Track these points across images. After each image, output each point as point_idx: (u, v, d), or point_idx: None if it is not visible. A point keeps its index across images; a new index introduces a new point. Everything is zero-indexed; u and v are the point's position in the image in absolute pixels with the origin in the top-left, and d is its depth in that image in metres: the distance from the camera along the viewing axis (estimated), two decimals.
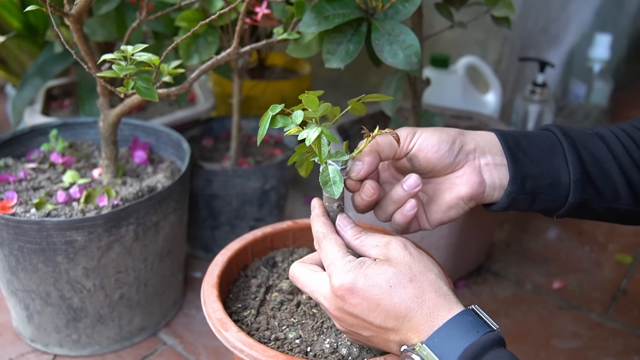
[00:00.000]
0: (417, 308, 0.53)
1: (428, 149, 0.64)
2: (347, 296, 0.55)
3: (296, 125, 0.58)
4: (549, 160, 0.64)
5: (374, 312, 0.54)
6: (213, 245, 1.15)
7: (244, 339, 0.59)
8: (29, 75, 1.28)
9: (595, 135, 0.67)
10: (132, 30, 0.81)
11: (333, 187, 0.57)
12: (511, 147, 0.65)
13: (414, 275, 0.55)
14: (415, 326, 0.53)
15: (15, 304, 0.91)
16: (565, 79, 1.82)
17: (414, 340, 0.53)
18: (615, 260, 1.23)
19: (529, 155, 0.64)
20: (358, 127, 1.18)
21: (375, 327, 0.55)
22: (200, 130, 1.27)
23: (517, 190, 0.64)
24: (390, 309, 0.54)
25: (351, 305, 0.55)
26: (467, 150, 0.65)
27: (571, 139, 0.65)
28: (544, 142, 0.66)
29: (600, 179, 0.65)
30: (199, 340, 0.97)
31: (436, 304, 0.53)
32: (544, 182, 0.64)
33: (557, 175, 0.64)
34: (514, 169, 0.64)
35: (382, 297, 0.54)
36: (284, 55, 1.61)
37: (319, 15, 0.72)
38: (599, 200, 0.65)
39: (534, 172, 0.64)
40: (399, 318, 0.53)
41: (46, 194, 0.88)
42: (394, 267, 0.55)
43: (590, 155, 0.65)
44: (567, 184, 0.64)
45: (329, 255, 0.58)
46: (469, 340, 0.50)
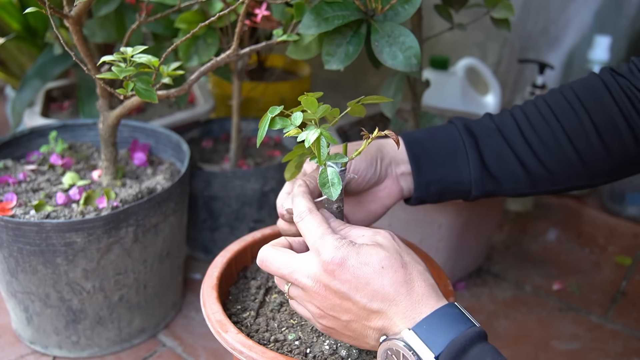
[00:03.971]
0: (406, 293, 0.53)
1: (357, 176, 0.68)
2: (337, 271, 0.54)
3: (295, 127, 0.58)
4: (452, 161, 0.72)
5: (362, 291, 0.53)
6: (212, 247, 1.15)
7: (243, 340, 0.59)
8: (28, 77, 1.28)
9: (496, 129, 0.73)
10: (132, 32, 0.81)
11: (331, 189, 0.57)
12: (416, 155, 0.72)
13: (404, 263, 0.55)
14: (402, 311, 0.52)
15: (14, 306, 0.90)
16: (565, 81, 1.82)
17: (399, 326, 0.52)
18: (614, 262, 1.23)
19: (431, 159, 0.72)
20: (357, 129, 1.18)
21: (359, 309, 0.54)
22: (200, 132, 1.27)
23: (423, 194, 0.73)
24: (379, 289, 0.53)
25: (339, 282, 0.54)
26: (385, 165, 0.71)
27: (473, 137, 0.72)
28: (448, 142, 0.73)
29: (499, 172, 0.72)
30: (198, 342, 0.96)
31: (425, 293, 0.53)
32: (447, 183, 0.73)
33: (459, 176, 0.72)
34: (417, 179, 0.72)
35: (372, 277, 0.53)
36: (283, 56, 1.61)
37: (319, 16, 0.72)
38: (501, 189, 0.73)
39: (437, 177, 0.72)
40: (386, 301, 0.53)
41: (46, 196, 0.88)
42: (385, 251, 0.55)
43: (490, 150, 0.72)
44: (469, 182, 0.72)
45: (316, 231, 0.57)
46: (457, 331, 0.50)
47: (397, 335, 0.52)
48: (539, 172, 0.72)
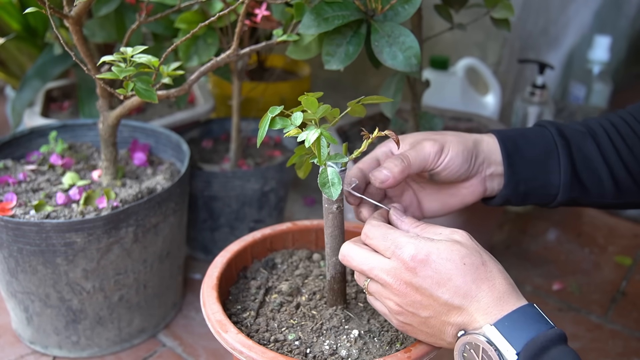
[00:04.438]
0: (488, 290, 0.53)
1: (451, 169, 0.68)
2: (419, 268, 0.54)
3: (295, 127, 0.58)
4: (543, 162, 0.70)
5: (443, 286, 0.53)
6: (212, 247, 1.15)
7: (243, 340, 0.59)
8: (28, 77, 1.28)
9: (588, 134, 0.71)
10: (132, 32, 0.81)
11: (331, 189, 0.57)
12: (509, 152, 0.70)
13: (485, 261, 0.55)
14: (484, 307, 0.52)
15: (14, 306, 0.90)
16: (565, 81, 1.82)
17: (481, 322, 0.52)
18: (614, 262, 1.23)
19: (524, 157, 0.70)
20: (357, 129, 1.18)
21: (439, 305, 0.54)
22: (200, 132, 1.27)
23: (511, 193, 0.71)
24: (462, 285, 0.53)
25: (421, 278, 0.54)
26: (479, 163, 0.70)
27: (566, 141, 0.70)
28: (540, 143, 0.71)
29: (588, 179, 0.71)
30: (198, 342, 0.96)
31: (506, 291, 0.53)
32: (536, 184, 0.70)
33: (548, 178, 0.70)
34: (509, 175, 0.70)
35: (455, 273, 0.53)
36: (283, 56, 1.61)
37: (319, 16, 0.72)
38: (586, 197, 0.72)
39: (528, 176, 0.70)
40: (468, 297, 0.53)
41: (45, 196, 0.88)
42: (465, 248, 0.55)
43: (581, 156, 0.71)
44: (557, 185, 0.70)
45: (390, 234, 0.57)
46: (537, 330, 0.50)
47: (477, 330, 0.52)
48: (627, 183, 0.71)
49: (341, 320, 0.65)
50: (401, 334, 0.64)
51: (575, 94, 1.71)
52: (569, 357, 0.49)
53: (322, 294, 0.69)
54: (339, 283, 0.66)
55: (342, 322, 0.65)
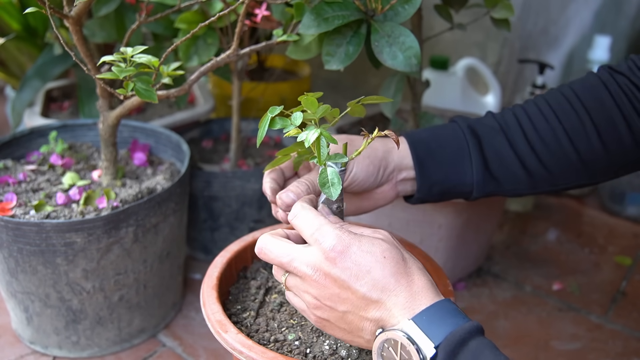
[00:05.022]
0: (406, 285, 0.53)
1: (357, 183, 0.69)
2: (339, 258, 0.53)
3: (295, 127, 0.58)
4: (455, 163, 0.73)
5: (362, 279, 0.53)
6: (212, 247, 1.15)
7: (243, 340, 0.59)
8: (28, 77, 1.28)
9: (500, 130, 0.73)
10: (132, 32, 0.81)
11: (331, 189, 0.57)
12: (420, 156, 0.72)
13: (405, 257, 0.55)
14: (402, 302, 0.52)
15: (14, 306, 0.90)
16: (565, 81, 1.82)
17: (398, 317, 0.52)
18: (614, 262, 1.23)
19: (436, 160, 0.72)
20: (357, 129, 1.18)
21: (357, 298, 0.53)
22: (200, 132, 1.27)
23: (425, 195, 0.74)
24: (380, 279, 0.53)
25: (340, 269, 0.53)
26: (388, 172, 0.72)
27: (477, 138, 0.73)
28: (452, 143, 0.73)
29: (501, 173, 0.73)
30: (198, 342, 0.96)
31: (424, 287, 0.54)
32: (449, 185, 0.73)
33: (461, 177, 0.73)
34: (421, 179, 0.72)
35: (374, 266, 0.53)
36: (283, 57, 1.61)
37: (319, 17, 0.72)
38: (501, 190, 0.74)
39: (440, 178, 0.73)
40: (386, 291, 0.53)
41: (45, 196, 0.88)
42: (387, 243, 0.55)
43: (493, 152, 0.73)
44: (471, 183, 0.73)
45: (314, 222, 0.57)
46: (455, 324, 0.51)
47: (395, 326, 0.52)
48: (540, 172, 0.73)
49: None
50: None
51: None
52: (487, 348, 0.49)
53: None
54: None
55: None
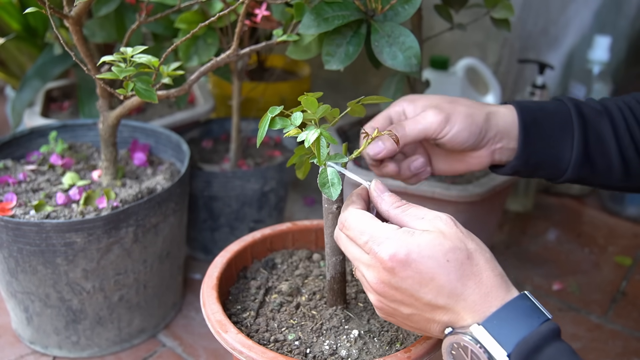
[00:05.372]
0: (474, 286, 0.50)
1: (456, 142, 0.68)
2: (399, 268, 0.50)
3: (295, 127, 0.58)
4: (557, 138, 0.69)
5: (425, 287, 0.50)
6: (212, 247, 1.15)
7: (243, 340, 0.59)
8: (28, 77, 1.28)
9: (605, 114, 0.69)
10: (132, 32, 0.81)
11: (331, 189, 0.57)
12: (527, 126, 0.68)
13: (470, 253, 0.51)
14: (470, 306, 0.49)
15: (14, 306, 0.90)
16: (565, 81, 1.82)
17: (468, 320, 0.49)
18: (614, 262, 1.23)
19: (541, 133, 0.69)
20: (357, 129, 1.18)
21: (422, 305, 0.51)
22: (200, 132, 1.27)
23: (521, 165, 0.70)
24: (446, 285, 0.49)
25: (401, 278, 0.50)
26: (489, 137, 0.69)
27: (583, 119, 0.69)
28: (557, 118, 0.69)
29: (599, 159, 0.69)
30: (198, 342, 0.96)
31: (494, 284, 0.50)
32: (548, 159, 0.70)
33: (560, 155, 0.69)
34: (522, 149, 0.69)
35: (437, 272, 0.49)
36: (283, 57, 1.61)
37: (319, 17, 0.72)
38: (594, 177, 0.70)
39: (541, 151, 0.69)
40: (453, 296, 0.49)
41: (45, 196, 0.88)
42: (449, 240, 0.51)
43: (596, 137, 0.69)
44: (568, 162, 0.69)
45: (367, 228, 0.53)
46: (529, 327, 0.48)
47: (465, 330, 0.49)
48: (635, 166, 0.69)
49: (341, 320, 0.65)
50: (401, 333, 0.64)
51: (575, 94, 1.71)
52: (565, 355, 0.47)
53: (322, 294, 0.69)
54: (339, 283, 0.66)
55: (342, 322, 0.65)
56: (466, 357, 0.50)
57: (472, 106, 0.69)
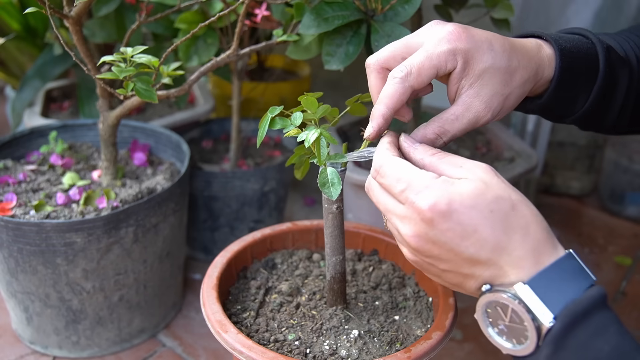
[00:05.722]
0: (520, 240, 0.45)
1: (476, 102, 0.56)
2: (438, 220, 0.46)
3: (295, 127, 0.58)
4: (580, 84, 0.61)
5: (467, 240, 0.46)
6: (212, 247, 1.15)
7: (243, 340, 0.59)
8: (28, 77, 1.28)
9: (627, 66, 0.62)
10: (132, 32, 0.81)
11: (331, 189, 0.57)
12: (563, 72, 0.59)
13: (515, 203, 0.46)
14: (515, 261, 0.45)
15: (14, 306, 0.90)
16: None
17: (511, 277, 0.45)
18: (614, 262, 1.22)
19: (569, 78, 0.59)
20: (357, 129, 1.18)
21: (462, 260, 0.47)
22: (200, 132, 1.27)
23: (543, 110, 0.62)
24: (489, 238, 0.45)
25: (440, 231, 0.46)
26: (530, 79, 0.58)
27: (610, 69, 0.61)
28: (586, 62, 0.60)
29: (603, 107, 0.63)
30: (198, 342, 0.96)
31: (541, 239, 0.46)
32: (564, 103, 0.61)
33: (576, 100, 0.61)
34: (551, 94, 0.59)
35: (481, 223, 0.45)
36: (283, 57, 1.61)
37: (319, 17, 0.72)
38: (588, 121, 0.64)
39: (562, 95, 0.60)
40: (497, 250, 0.45)
41: (45, 196, 0.88)
42: (492, 190, 0.46)
43: (612, 86, 0.62)
44: (580, 108, 0.62)
45: (404, 174, 0.48)
46: (577, 289, 0.44)
47: (507, 288, 0.46)
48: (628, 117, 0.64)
49: (341, 320, 0.65)
50: (401, 334, 0.64)
51: None
52: (613, 324, 0.43)
53: (322, 294, 0.69)
54: (339, 283, 0.66)
55: (342, 322, 0.65)
56: (504, 317, 0.47)
57: (526, 81, 0.57)
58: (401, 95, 0.54)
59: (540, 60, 0.58)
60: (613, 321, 0.43)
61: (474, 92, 0.55)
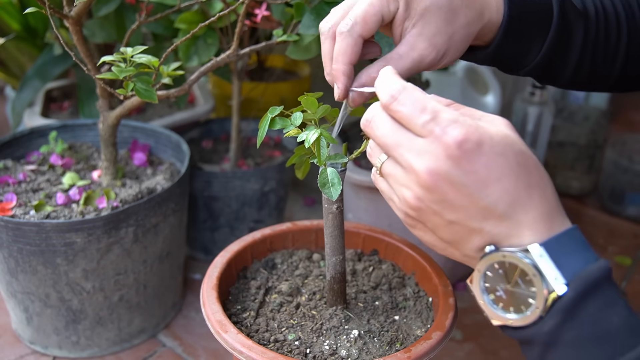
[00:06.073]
0: (538, 200, 0.43)
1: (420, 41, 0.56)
2: (465, 158, 0.42)
3: (295, 127, 0.58)
4: (532, 35, 0.61)
5: (490, 187, 0.42)
6: (212, 247, 1.15)
7: (243, 340, 0.59)
8: (28, 77, 1.28)
9: (582, 19, 0.62)
10: (132, 32, 0.81)
11: (331, 189, 0.57)
12: (511, 19, 0.59)
13: (537, 163, 0.44)
14: (531, 221, 0.43)
15: (14, 306, 0.90)
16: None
17: (525, 238, 0.43)
18: (614, 262, 1.23)
19: (519, 27, 0.60)
20: (357, 129, 1.18)
21: (476, 209, 0.43)
22: (200, 132, 1.27)
23: (490, 58, 0.62)
24: (511, 190, 0.43)
25: (464, 172, 0.42)
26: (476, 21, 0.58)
27: (563, 20, 0.61)
28: (539, 13, 0.61)
29: (558, 61, 0.63)
30: (198, 342, 0.96)
31: (554, 206, 0.44)
32: (515, 53, 0.62)
33: (527, 51, 0.62)
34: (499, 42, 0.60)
35: (507, 173, 0.42)
36: (283, 57, 1.61)
37: (319, 16, 0.72)
38: (545, 75, 0.65)
39: (512, 45, 0.61)
40: (515, 204, 0.43)
41: (45, 196, 0.88)
42: (518, 143, 0.44)
43: (565, 39, 0.62)
44: (532, 60, 0.62)
45: (429, 103, 0.44)
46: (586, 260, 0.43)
47: (518, 248, 0.43)
48: (586, 75, 0.65)
49: (341, 320, 0.65)
50: (401, 334, 0.64)
51: (575, 94, 1.71)
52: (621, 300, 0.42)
53: (322, 294, 0.69)
54: (339, 283, 0.66)
55: (342, 322, 0.65)
56: (506, 281, 0.44)
57: (470, 22, 0.57)
58: (354, 47, 0.54)
59: (485, 2, 0.58)
60: (619, 295, 0.43)
61: (417, 32, 0.55)
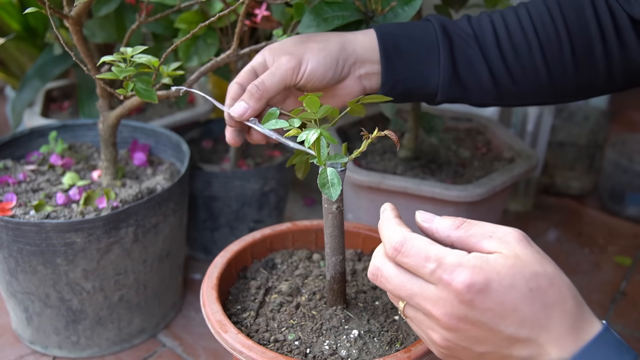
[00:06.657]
0: (559, 317, 0.44)
1: (315, 79, 0.66)
2: (478, 300, 0.44)
3: (295, 127, 0.58)
4: (423, 62, 0.68)
5: (507, 319, 0.44)
6: (212, 247, 1.15)
7: (243, 340, 0.59)
8: (28, 77, 1.28)
9: (474, 38, 0.70)
10: (132, 32, 0.81)
11: (331, 189, 0.57)
12: (388, 51, 0.68)
13: (551, 278, 0.45)
14: (555, 338, 0.44)
15: (14, 306, 0.90)
16: None
17: (552, 355, 0.44)
18: (614, 262, 1.23)
19: (404, 57, 0.68)
20: (357, 129, 1.18)
21: (501, 340, 0.45)
22: (200, 132, 1.27)
23: (389, 92, 0.69)
24: (529, 316, 0.44)
25: (480, 311, 0.44)
26: (349, 65, 0.68)
27: (449, 41, 0.69)
28: (423, 41, 0.69)
29: (469, 80, 0.69)
30: (198, 342, 0.97)
31: (578, 315, 0.45)
32: (415, 83, 0.69)
33: (428, 78, 0.69)
34: (386, 75, 0.68)
35: (520, 302, 0.44)
36: None
37: (318, 17, 0.72)
38: (466, 97, 0.71)
39: (406, 76, 0.69)
40: (536, 327, 0.44)
41: (45, 196, 0.88)
42: (529, 265, 0.45)
43: (463, 57, 0.69)
44: (436, 85, 0.69)
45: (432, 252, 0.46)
46: None
47: None
48: (507, 85, 0.70)
49: (341, 320, 0.65)
50: (401, 333, 0.64)
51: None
52: None
53: (322, 294, 0.69)
54: (338, 283, 0.66)
55: (342, 322, 0.65)
56: None
57: (325, 40, 0.67)
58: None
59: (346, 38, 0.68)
60: None
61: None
